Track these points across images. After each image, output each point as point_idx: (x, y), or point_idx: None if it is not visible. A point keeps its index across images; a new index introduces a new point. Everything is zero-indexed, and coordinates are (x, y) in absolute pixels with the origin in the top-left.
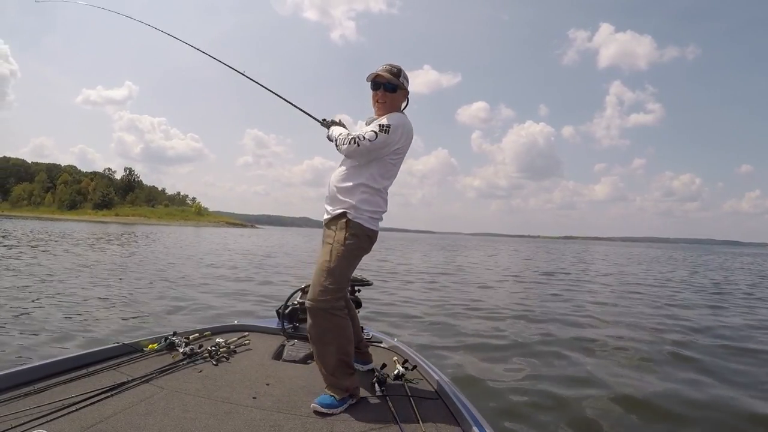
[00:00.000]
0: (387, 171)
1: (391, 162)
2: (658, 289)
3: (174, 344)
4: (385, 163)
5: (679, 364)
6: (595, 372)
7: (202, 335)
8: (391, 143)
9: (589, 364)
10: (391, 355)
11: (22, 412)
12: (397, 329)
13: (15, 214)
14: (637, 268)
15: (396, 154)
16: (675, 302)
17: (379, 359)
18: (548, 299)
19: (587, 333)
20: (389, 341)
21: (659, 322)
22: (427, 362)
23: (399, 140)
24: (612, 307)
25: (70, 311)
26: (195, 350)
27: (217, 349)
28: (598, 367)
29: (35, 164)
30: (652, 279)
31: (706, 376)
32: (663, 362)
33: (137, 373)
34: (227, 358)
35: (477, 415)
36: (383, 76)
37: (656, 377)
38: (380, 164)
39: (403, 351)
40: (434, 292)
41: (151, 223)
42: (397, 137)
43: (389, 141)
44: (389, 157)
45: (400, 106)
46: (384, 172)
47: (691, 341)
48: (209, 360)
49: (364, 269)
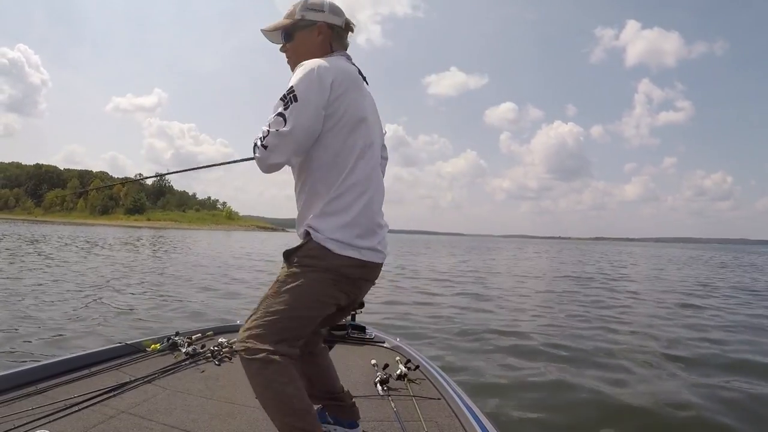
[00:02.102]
0: (339, 148)
1: (339, 131)
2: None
3: (176, 344)
4: (327, 138)
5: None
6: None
7: (204, 335)
8: (312, 108)
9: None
10: (394, 355)
11: (25, 413)
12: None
13: (48, 219)
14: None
15: (334, 117)
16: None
17: (381, 359)
18: (582, 304)
19: (611, 339)
20: (392, 341)
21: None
22: (429, 362)
23: (317, 96)
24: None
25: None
26: (197, 350)
27: (220, 349)
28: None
29: (67, 170)
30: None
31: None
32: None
33: (139, 373)
34: (230, 358)
35: (480, 415)
36: (266, 34)
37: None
38: (322, 145)
39: (405, 351)
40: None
41: (183, 227)
42: (311, 95)
43: (306, 108)
44: (328, 127)
45: (316, 47)
46: (337, 152)
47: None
48: (212, 360)
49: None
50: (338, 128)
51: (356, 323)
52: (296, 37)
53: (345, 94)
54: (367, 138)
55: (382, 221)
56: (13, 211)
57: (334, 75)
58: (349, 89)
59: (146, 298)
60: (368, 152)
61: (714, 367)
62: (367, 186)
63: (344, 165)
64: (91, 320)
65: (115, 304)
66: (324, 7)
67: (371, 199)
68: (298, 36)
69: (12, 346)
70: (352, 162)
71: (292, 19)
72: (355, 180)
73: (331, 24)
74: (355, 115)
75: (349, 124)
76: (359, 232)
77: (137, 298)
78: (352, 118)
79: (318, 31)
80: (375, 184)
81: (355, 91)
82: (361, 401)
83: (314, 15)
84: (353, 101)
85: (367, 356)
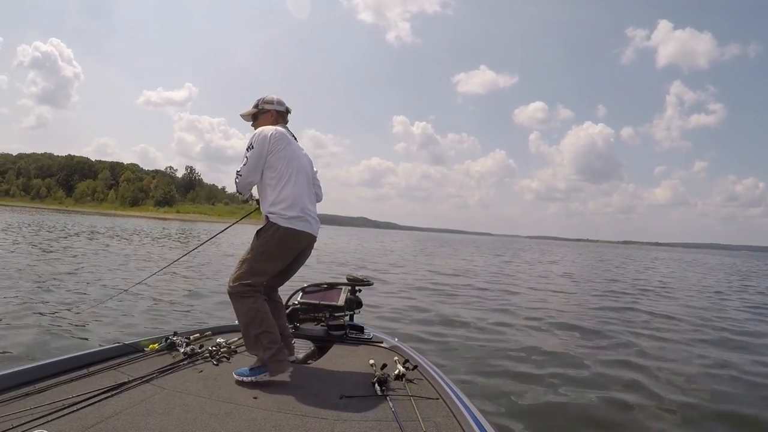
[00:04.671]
0: (277, 174)
1: (276, 166)
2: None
3: (175, 344)
4: (270, 168)
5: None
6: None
7: (202, 335)
8: (259, 154)
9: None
10: (392, 355)
11: (23, 412)
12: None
13: (79, 209)
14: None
15: (273, 156)
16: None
17: (379, 359)
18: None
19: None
20: (390, 341)
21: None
22: (428, 362)
23: (261, 147)
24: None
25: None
26: (196, 350)
27: (218, 349)
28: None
29: (99, 162)
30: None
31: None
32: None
33: (138, 373)
34: (228, 358)
35: (478, 415)
36: (243, 117)
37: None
38: (267, 172)
39: (403, 351)
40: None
41: (212, 220)
42: (258, 146)
43: (254, 154)
44: (269, 164)
45: (269, 124)
46: (275, 176)
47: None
48: (210, 360)
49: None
50: (278, 164)
51: (354, 323)
52: (259, 119)
53: (275, 144)
54: (297, 168)
55: (311, 209)
56: (44, 201)
57: (265, 135)
58: (271, 140)
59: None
60: (296, 176)
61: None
62: (298, 192)
63: (282, 180)
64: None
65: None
66: (274, 102)
67: (299, 195)
68: (260, 118)
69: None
70: (286, 179)
71: (256, 109)
72: (289, 187)
73: (278, 110)
74: (287, 158)
75: (284, 161)
76: (293, 215)
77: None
78: (285, 159)
79: (271, 116)
80: (302, 190)
81: (287, 144)
82: (360, 401)
83: (269, 106)
84: (286, 150)
85: (366, 356)
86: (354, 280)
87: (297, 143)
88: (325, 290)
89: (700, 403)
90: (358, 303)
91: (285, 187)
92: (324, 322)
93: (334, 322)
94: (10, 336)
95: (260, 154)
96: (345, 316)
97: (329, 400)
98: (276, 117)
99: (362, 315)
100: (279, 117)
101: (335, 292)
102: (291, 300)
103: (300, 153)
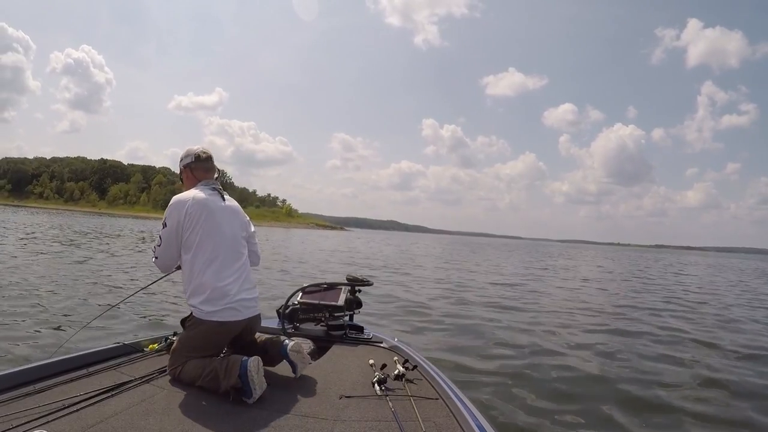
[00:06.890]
0: (192, 257)
1: (191, 246)
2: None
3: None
4: (186, 249)
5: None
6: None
7: None
8: (174, 232)
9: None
10: (392, 355)
11: (22, 413)
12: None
13: (111, 212)
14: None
15: (190, 234)
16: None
17: (379, 359)
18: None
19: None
20: (390, 341)
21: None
22: (427, 362)
23: (175, 224)
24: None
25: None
26: None
27: None
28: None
29: (131, 166)
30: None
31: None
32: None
33: (138, 373)
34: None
35: (478, 415)
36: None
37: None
38: (184, 254)
39: (403, 351)
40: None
41: None
42: (171, 224)
43: (167, 233)
44: (186, 244)
45: (189, 181)
46: (189, 259)
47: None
48: None
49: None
50: (194, 243)
51: (354, 323)
52: (182, 179)
53: (192, 216)
54: (219, 244)
55: (240, 293)
56: (78, 203)
57: (180, 207)
58: (188, 212)
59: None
60: (219, 256)
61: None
62: (221, 276)
63: (198, 264)
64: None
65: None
66: (183, 156)
67: (222, 280)
68: (183, 178)
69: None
70: (204, 263)
71: (179, 169)
72: (210, 272)
73: (186, 164)
74: (206, 233)
75: (203, 239)
76: (214, 309)
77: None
78: (204, 236)
79: (184, 172)
80: (226, 273)
81: (207, 215)
82: (359, 401)
83: (181, 164)
84: (207, 223)
85: (365, 356)
86: (354, 280)
87: (224, 203)
88: (324, 290)
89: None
90: (358, 303)
91: (204, 272)
92: (324, 322)
93: (333, 322)
94: (11, 336)
95: (175, 232)
96: (345, 316)
97: (329, 400)
98: (190, 171)
99: (361, 315)
100: (199, 172)
101: (335, 292)
102: (291, 300)
103: (225, 220)
